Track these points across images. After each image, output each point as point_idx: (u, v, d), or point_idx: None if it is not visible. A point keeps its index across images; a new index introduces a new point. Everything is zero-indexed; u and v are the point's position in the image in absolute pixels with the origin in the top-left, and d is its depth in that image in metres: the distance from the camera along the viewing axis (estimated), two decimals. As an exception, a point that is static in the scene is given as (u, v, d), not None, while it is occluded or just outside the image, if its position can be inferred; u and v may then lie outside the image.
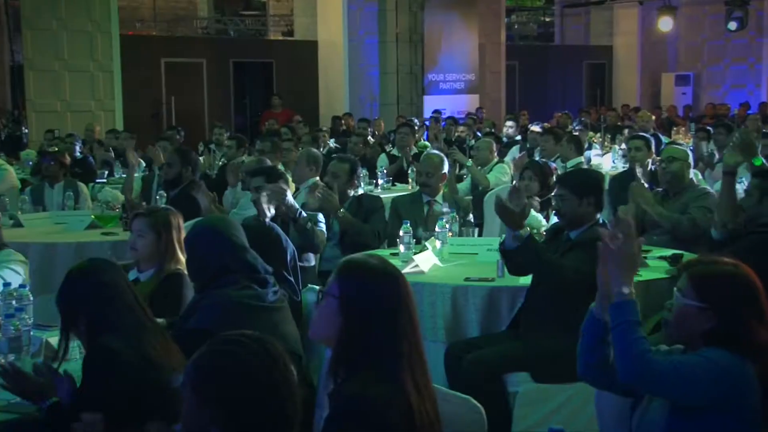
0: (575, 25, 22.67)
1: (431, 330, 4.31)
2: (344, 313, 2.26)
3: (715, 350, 2.46)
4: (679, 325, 2.55)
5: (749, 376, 2.44)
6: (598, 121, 15.10)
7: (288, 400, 1.98)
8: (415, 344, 2.27)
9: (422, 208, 5.85)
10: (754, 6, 18.56)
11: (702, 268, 2.58)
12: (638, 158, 6.60)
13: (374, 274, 2.30)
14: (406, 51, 16.88)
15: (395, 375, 2.20)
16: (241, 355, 1.98)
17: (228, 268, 3.42)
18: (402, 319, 2.27)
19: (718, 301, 2.50)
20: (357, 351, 2.23)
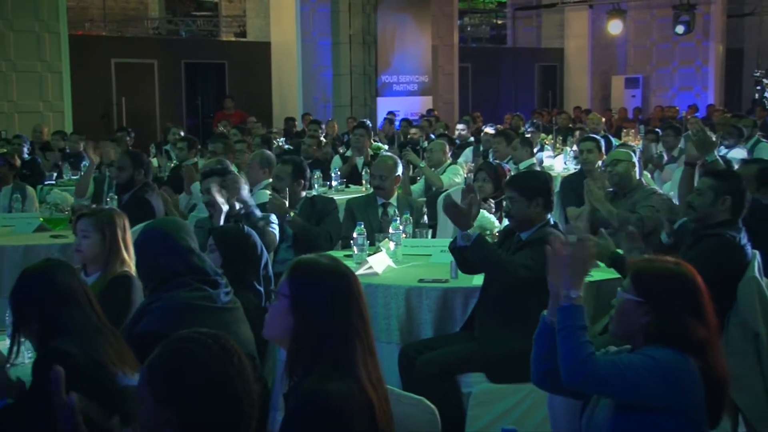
0: (527, 28, 22.87)
1: (385, 331, 4.31)
2: (296, 312, 2.27)
3: (658, 349, 2.50)
4: (619, 319, 2.61)
5: (692, 373, 2.48)
6: (550, 122, 15.24)
7: (244, 396, 1.98)
8: (367, 342, 2.29)
9: (377, 210, 5.85)
10: (701, 10, 18.90)
11: (643, 266, 2.65)
12: (589, 160, 6.68)
13: (325, 273, 2.31)
14: (360, 52, 16.89)
15: (352, 371, 2.22)
16: (195, 352, 1.97)
17: (178, 270, 3.38)
18: (354, 317, 2.28)
19: (655, 296, 2.56)
20: (311, 349, 2.23)
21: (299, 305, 2.27)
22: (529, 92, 21.79)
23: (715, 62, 20.55)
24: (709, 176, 4.25)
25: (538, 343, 2.68)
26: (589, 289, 4.21)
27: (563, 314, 2.51)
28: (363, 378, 2.22)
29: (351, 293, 2.30)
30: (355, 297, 2.31)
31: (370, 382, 2.24)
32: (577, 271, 2.54)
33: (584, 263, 2.56)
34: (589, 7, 20.76)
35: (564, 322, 2.50)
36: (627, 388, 2.45)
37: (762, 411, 3.87)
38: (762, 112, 16.18)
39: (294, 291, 2.29)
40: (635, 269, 2.64)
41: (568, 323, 2.49)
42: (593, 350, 2.48)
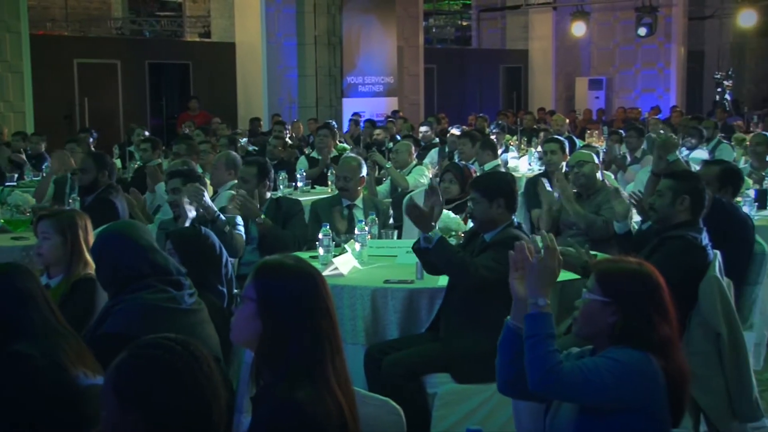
0: (492, 29, 22.97)
1: (351, 332, 4.31)
2: (263, 316, 2.24)
3: (620, 350, 2.52)
4: (586, 320, 2.61)
5: (654, 372, 2.50)
6: (514, 124, 15.33)
7: (213, 402, 1.96)
8: (336, 344, 2.27)
9: (342, 211, 5.84)
10: (663, 12, 19.11)
11: (607, 266, 2.67)
12: (553, 161, 6.73)
13: (291, 275, 2.28)
14: (325, 53, 16.87)
15: (321, 376, 2.20)
16: (164, 357, 1.95)
17: (140, 272, 3.35)
18: (322, 320, 2.26)
19: (622, 295, 2.57)
20: (279, 353, 2.21)
21: (266, 308, 2.24)
22: (493, 93, 21.89)
23: (677, 64, 20.79)
24: (668, 177, 4.32)
25: (503, 350, 2.67)
26: (553, 289, 4.24)
27: (531, 322, 2.52)
28: (332, 381, 2.20)
29: (318, 294, 2.28)
30: (323, 297, 2.29)
31: (339, 384, 2.22)
32: (545, 279, 2.55)
33: (553, 271, 2.56)
34: (553, 9, 20.91)
35: (532, 330, 2.50)
36: (592, 393, 2.47)
37: (723, 410, 3.92)
38: (722, 114, 16.40)
39: (260, 294, 2.26)
40: (600, 270, 2.65)
41: (535, 331, 2.50)
42: (560, 358, 2.49)
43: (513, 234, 4.07)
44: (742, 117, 17.19)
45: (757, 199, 6.45)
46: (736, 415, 3.94)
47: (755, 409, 3.95)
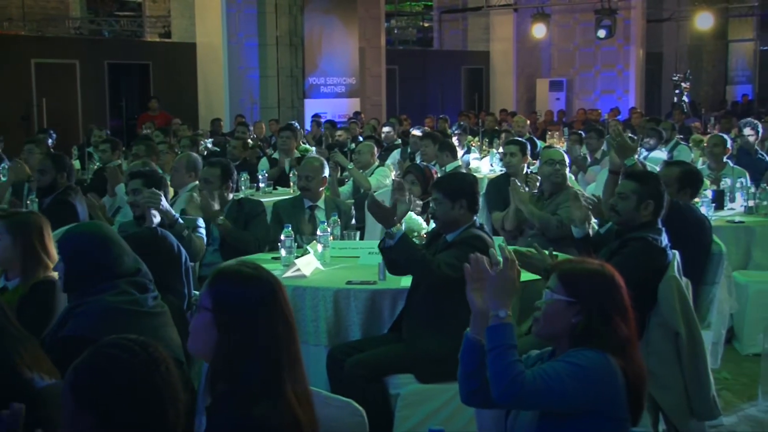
0: (453, 31, 23.06)
1: (313, 334, 4.30)
2: (218, 326, 2.18)
3: (579, 352, 2.53)
4: (549, 320, 2.62)
5: (614, 373, 2.52)
6: (476, 125, 15.40)
7: (170, 405, 1.95)
8: (294, 353, 2.23)
9: (304, 213, 5.83)
10: (622, 15, 19.31)
11: (570, 266, 2.69)
12: (512, 163, 6.76)
13: (247, 283, 2.23)
14: (287, 54, 16.82)
15: (278, 388, 2.16)
16: (122, 358, 1.94)
17: (112, 273, 3.32)
18: (279, 328, 2.21)
19: (585, 295, 2.59)
20: (234, 364, 2.15)
21: (221, 318, 2.19)
22: (455, 94, 21.97)
23: (636, 66, 21.02)
24: (632, 180, 4.31)
25: (464, 362, 2.65)
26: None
27: (493, 334, 2.51)
28: (288, 392, 2.16)
29: (276, 302, 2.23)
30: (280, 306, 2.23)
31: (298, 396, 2.18)
32: (506, 290, 2.55)
33: (513, 282, 2.56)
34: (513, 10, 21.03)
35: (494, 342, 2.50)
36: (556, 400, 2.48)
37: (682, 408, 3.97)
38: (680, 116, 16.60)
39: (215, 303, 2.21)
40: (564, 270, 2.67)
41: (498, 343, 2.49)
42: (523, 368, 2.49)
43: (475, 234, 4.09)
44: (700, 118, 17.42)
45: (715, 200, 6.55)
46: (695, 413, 3.99)
47: (713, 407, 4.01)
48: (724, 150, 7.64)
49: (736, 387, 5.31)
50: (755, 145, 8.97)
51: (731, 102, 24.54)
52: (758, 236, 6.15)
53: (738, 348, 5.99)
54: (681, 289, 4.01)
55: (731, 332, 5.99)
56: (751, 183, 7.08)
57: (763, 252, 6.14)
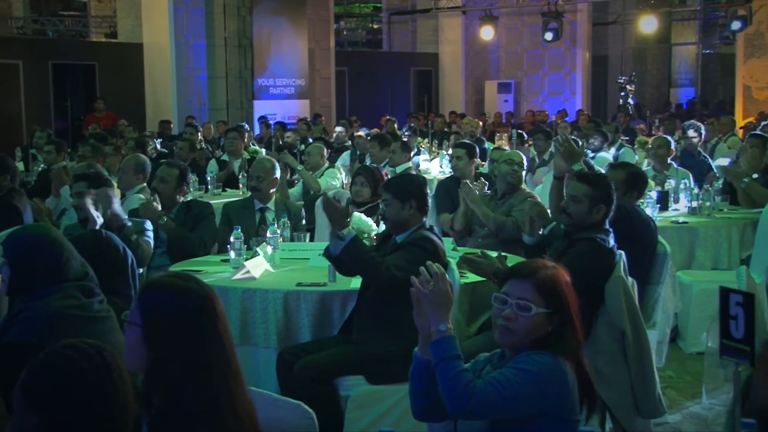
0: (402, 33, 23.13)
1: (263, 336, 4.29)
2: (147, 342, 2.11)
3: (529, 357, 2.53)
4: (528, 333, 2.58)
5: (564, 374, 2.54)
6: (426, 126, 15.46)
7: (118, 413, 1.92)
8: (231, 365, 2.15)
9: (254, 215, 5.80)
10: (568, 18, 19.53)
11: (545, 274, 2.63)
12: (459, 166, 6.79)
13: (176, 296, 2.15)
14: (235, 55, 16.73)
15: (214, 403, 2.09)
16: (76, 360, 1.91)
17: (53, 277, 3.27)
18: (213, 341, 2.13)
19: (560, 304, 2.60)
20: (167, 380, 2.08)
21: (150, 334, 2.11)
22: (405, 96, 22.04)
23: (582, 68, 21.29)
24: (585, 183, 4.32)
25: (414, 381, 2.65)
26: (464, 290, 4.29)
27: (437, 348, 2.51)
28: (224, 410, 2.09)
29: (207, 314, 2.14)
30: (213, 318, 2.15)
31: (235, 409, 2.11)
32: (441, 304, 2.54)
33: (446, 294, 2.55)
34: (462, 13, 21.16)
35: (439, 355, 2.50)
36: (508, 407, 2.48)
37: (628, 406, 4.02)
38: (624, 118, 16.85)
39: (144, 318, 2.13)
40: (539, 279, 2.60)
41: (442, 356, 2.49)
42: (471, 377, 2.49)
43: (424, 235, 4.11)
44: (645, 120, 17.70)
45: (659, 201, 6.65)
46: (640, 411, 4.04)
47: (658, 405, 4.07)
48: (669, 152, 7.77)
49: (680, 385, 5.40)
50: (698, 146, 9.14)
51: (675, 104, 24.99)
52: (701, 236, 6.26)
53: (682, 347, 6.09)
54: (627, 289, 4.07)
55: (675, 331, 6.10)
56: (695, 184, 7.21)
57: (706, 252, 6.25)
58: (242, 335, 4.31)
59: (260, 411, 2.26)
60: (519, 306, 2.58)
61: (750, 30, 17.26)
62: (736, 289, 2.25)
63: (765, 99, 17.79)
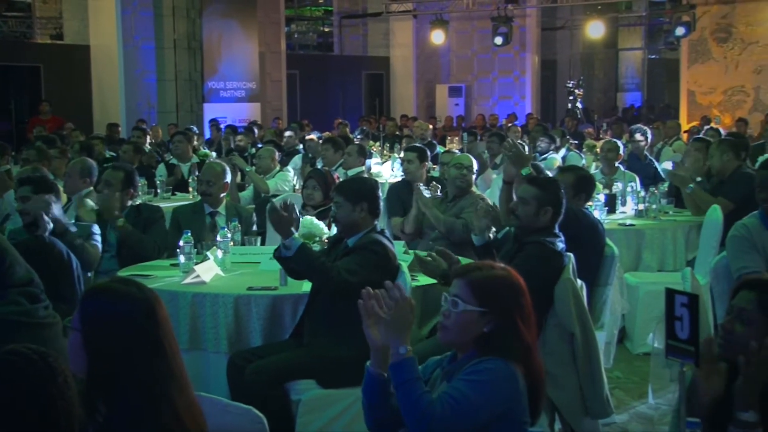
0: (353, 36, 23.15)
1: (213, 341, 4.25)
2: (87, 347, 2.09)
3: (479, 365, 2.54)
4: (460, 330, 2.60)
5: (517, 380, 2.55)
6: (377, 130, 15.48)
7: (64, 418, 1.89)
8: (172, 370, 2.13)
9: (204, 218, 5.75)
10: (518, 23, 19.73)
11: (480, 274, 2.65)
12: (410, 170, 6.81)
13: (117, 301, 2.12)
14: (185, 57, 16.60)
15: (154, 409, 2.07)
16: (19, 365, 1.88)
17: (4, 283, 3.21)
18: (154, 347, 2.11)
19: (496, 304, 2.60)
20: (108, 386, 2.06)
21: (91, 340, 2.09)
22: (356, 99, 22.05)
23: (532, 73, 21.51)
24: (534, 186, 4.38)
25: (367, 395, 2.65)
26: (415, 292, 4.31)
27: (397, 371, 2.51)
28: (167, 417, 2.07)
29: (149, 319, 2.12)
30: (154, 323, 2.12)
31: (176, 418, 2.08)
32: (402, 328, 2.53)
33: (407, 318, 2.55)
34: (413, 17, 21.24)
35: (399, 378, 2.50)
36: (467, 420, 2.48)
37: (577, 407, 4.07)
38: (572, 122, 17.06)
39: (84, 324, 2.11)
40: (474, 278, 2.63)
41: (403, 378, 2.49)
42: (431, 398, 2.49)
43: (375, 239, 4.12)
44: (593, 124, 17.94)
45: (607, 204, 6.74)
46: (589, 412, 4.09)
47: (606, 406, 4.12)
48: (617, 155, 7.89)
49: (627, 385, 5.48)
50: (645, 150, 9.29)
51: (622, 108, 25.36)
52: (648, 239, 6.35)
53: (629, 347, 6.17)
54: (576, 291, 4.12)
55: (623, 332, 6.17)
56: (641, 187, 7.33)
57: (653, 254, 6.34)
58: (192, 340, 4.27)
59: (210, 416, 2.24)
60: (452, 303, 2.62)
61: (694, 36, 17.60)
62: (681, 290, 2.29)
63: (708, 104, 18.15)
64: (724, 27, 17.92)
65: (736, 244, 4.25)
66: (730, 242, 4.32)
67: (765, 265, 4.11)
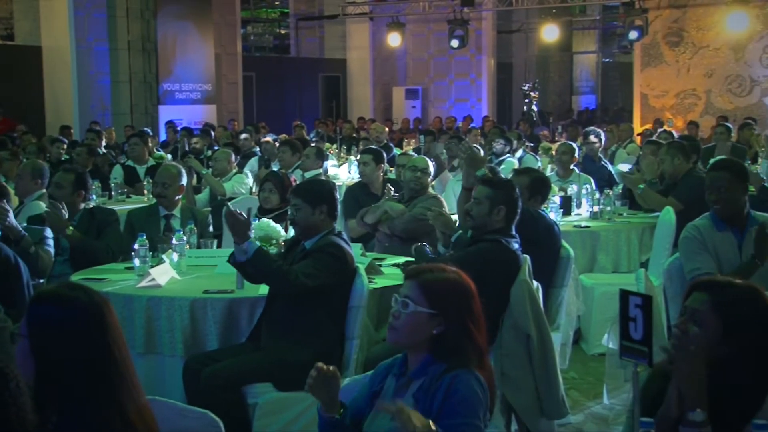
0: (310, 38, 23.10)
1: (168, 345, 4.22)
2: (34, 353, 2.06)
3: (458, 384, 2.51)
4: (410, 332, 2.60)
5: (486, 389, 2.55)
6: (334, 132, 15.46)
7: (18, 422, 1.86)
8: (122, 375, 2.10)
9: (159, 222, 5.70)
10: (473, 25, 19.83)
11: (432, 276, 2.65)
12: (366, 172, 6.82)
13: (64, 307, 2.09)
14: (139, 59, 16.44)
15: (103, 415, 2.04)
16: None
17: None
18: (102, 352, 2.08)
19: (447, 307, 2.60)
20: (56, 392, 2.03)
21: (37, 345, 2.05)
22: (313, 102, 22.01)
23: (488, 75, 21.63)
24: (487, 186, 4.43)
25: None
26: (372, 295, 4.31)
27: None
28: (116, 421, 2.04)
29: (97, 325, 2.09)
30: (102, 329, 2.09)
31: (127, 422, 2.05)
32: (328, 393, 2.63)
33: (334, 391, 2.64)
34: (369, 19, 21.25)
35: None
36: None
37: (533, 408, 4.10)
38: (526, 125, 17.19)
39: (31, 330, 2.07)
40: (424, 280, 2.63)
41: None
42: None
43: (332, 241, 4.12)
44: (548, 127, 18.10)
45: (562, 206, 6.80)
46: (544, 412, 4.12)
47: (562, 406, 4.16)
48: (572, 158, 7.97)
49: (583, 386, 5.53)
50: (599, 152, 9.39)
51: (577, 111, 25.62)
52: (602, 240, 6.42)
53: (585, 348, 6.23)
54: (532, 293, 4.15)
55: (578, 333, 6.24)
56: (596, 189, 7.41)
57: (607, 255, 6.41)
58: (147, 344, 4.23)
59: (166, 421, 2.22)
60: (402, 304, 2.61)
61: (646, 40, 17.83)
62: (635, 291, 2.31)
63: (661, 107, 18.41)
64: (675, 31, 18.20)
65: (688, 246, 4.31)
66: (682, 244, 4.38)
67: (716, 266, 4.18)
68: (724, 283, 2.54)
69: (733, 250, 4.26)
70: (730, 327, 2.42)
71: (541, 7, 20.28)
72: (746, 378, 2.39)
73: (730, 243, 4.28)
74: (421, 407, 2.53)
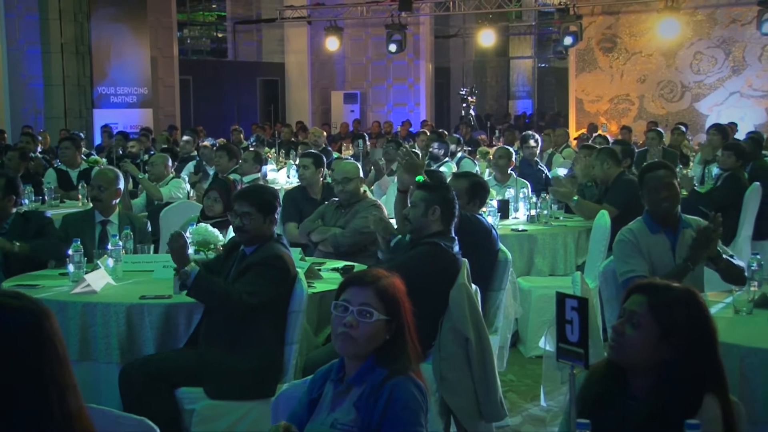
0: (248, 42, 22.96)
1: (104, 351, 4.15)
2: None
3: (398, 393, 2.52)
4: (369, 341, 2.59)
5: (426, 396, 2.56)
6: (272, 136, 15.38)
7: None
8: (66, 382, 2.06)
9: (94, 227, 5.60)
10: (411, 30, 19.93)
11: (385, 282, 2.65)
12: (306, 176, 6.80)
13: (7, 316, 2.03)
14: (73, 62, 16.16)
15: (47, 423, 1.99)
16: None
17: None
18: (47, 360, 2.03)
19: (398, 312, 2.62)
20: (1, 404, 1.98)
21: None
22: (251, 106, 21.87)
23: (426, 80, 21.74)
24: (421, 189, 4.48)
25: None
26: (311, 300, 4.30)
27: None
28: (60, 430, 1.99)
29: (38, 333, 2.04)
30: (44, 337, 2.04)
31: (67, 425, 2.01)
32: None
33: None
34: (307, 23, 21.21)
35: None
36: None
37: (471, 411, 4.13)
38: (466, 129, 17.32)
39: None
40: (380, 286, 2.62)
41: None
42: None
43: (274, 252, 4.10)
44: (486, 131, 18.26)
45: (500, 210, 6.87)
46: (483, 415, 4.16)
47: (500, 409, 4.19)
48: (510, 162, 8.06)
49: (520, 388, 5.59)
50: (536, 156, 9.51)
51: (514, 116, 25.90)
52: (540, 244, 6.50)
53: (522, 351, 6.30)
54: (471, 296, 4.18)
55: (516, 336, 6.30)
56: (533, 193, 7.50)
57: (544, 259, 6.49)
58: (82, 351, 4.16)
59: (102, 428, 2.19)
60: (360, 312, 2.58)
61: (581, 45, 18.11)
62: (571, 294, 2.35)
63: (596, 111, 18.71)
64: (609, 37, 18.51)
65: (622, 249, 4.38)
66: (616, 247, 4.45)
67: (650, 269, 4.25)
68: (661, 286, 2.58)
69: (666, 253, 4.34)
70: (666, 329, 2.48)
71: (477, 12, 20.45)
72: (685, 378, 2.45)
73: (664, 245, 4.36)
74: (362, 416, 2.54)
